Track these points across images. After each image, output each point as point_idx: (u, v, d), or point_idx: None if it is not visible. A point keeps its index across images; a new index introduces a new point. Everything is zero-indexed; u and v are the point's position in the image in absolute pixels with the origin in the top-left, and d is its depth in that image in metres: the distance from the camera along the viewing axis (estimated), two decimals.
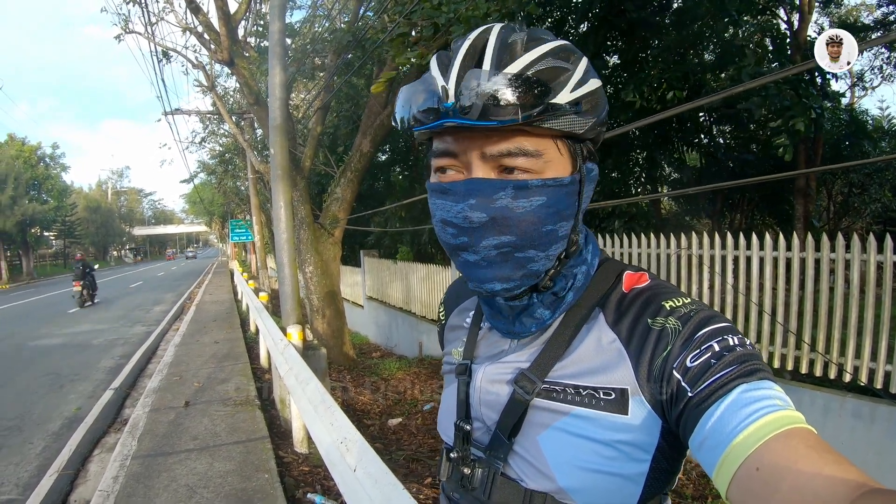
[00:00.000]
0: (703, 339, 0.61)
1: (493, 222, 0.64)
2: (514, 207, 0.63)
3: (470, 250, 0.66)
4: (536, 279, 0.69)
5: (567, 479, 0.66)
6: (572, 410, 0.67)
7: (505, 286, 0.67)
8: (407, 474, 4.44)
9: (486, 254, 0.65)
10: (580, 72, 0.63)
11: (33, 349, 9.98)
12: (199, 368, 7.04)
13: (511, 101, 0.58)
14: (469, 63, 0.62)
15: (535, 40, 0.63)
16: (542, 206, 0.64)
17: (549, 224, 0.65)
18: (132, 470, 3.87)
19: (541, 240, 0.65)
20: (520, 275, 0.67)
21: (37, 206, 39.48)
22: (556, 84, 0.60)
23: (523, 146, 0.62)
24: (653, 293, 0.69)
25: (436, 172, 0.69)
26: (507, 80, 0.58)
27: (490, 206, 0.63)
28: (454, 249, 0.68)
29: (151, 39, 10.69)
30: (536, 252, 0.66)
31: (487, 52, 0.62)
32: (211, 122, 20.26)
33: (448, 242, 0.69)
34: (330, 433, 2.36)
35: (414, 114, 0.64)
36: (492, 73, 0.59)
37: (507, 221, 0.64)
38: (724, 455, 0.53)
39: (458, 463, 0.76)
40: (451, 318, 0.92)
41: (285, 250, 5.63)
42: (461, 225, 0.65)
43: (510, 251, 0.65)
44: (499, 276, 0.67)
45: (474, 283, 0.69)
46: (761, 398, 0.54)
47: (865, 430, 3.79)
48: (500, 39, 0.63)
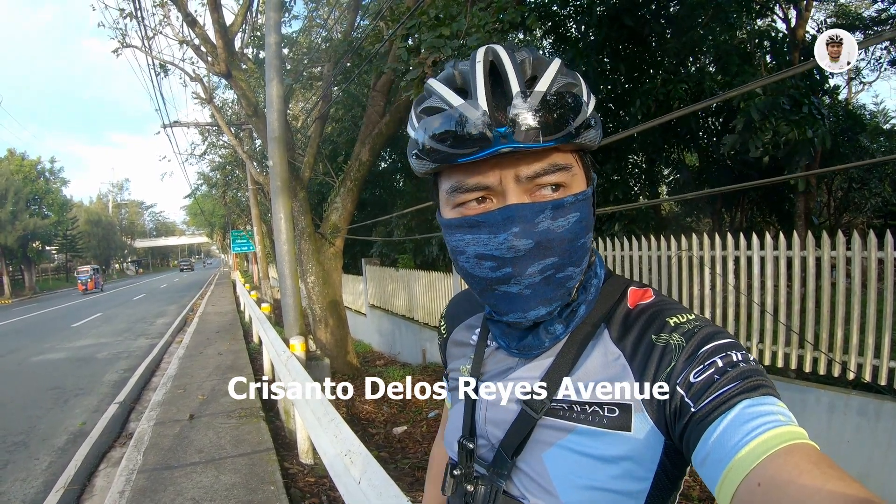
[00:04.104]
0: (706, 355, 0.61)
1: (537, 247, 0.64)
2: (556, 228, 0.64)
3: (512, 281, 0.65)
4: (570, 296, 0.70)
5: (569, 497, 0.66)
6: (577, 428, 0.67)
7: (548, 309, 0.67)
8: (413, 482, 4.44)
9: (530, 281, 0.65)
10: (584, 86, 0.65)
11: (37, 364, 10.00)
12: (203, 381, 7.04)
13: (556, 119, 0.59)
14: (495, 86, 0.61)
15: (537, 57, 0.64)
16: (577, 222, 0.65)
17: (582, 237, 0.66)
18: (138, 484, 3.87)
19: (576, 254, 0.66)
20: (559, 294, 0.67)
21: (38, 221, 39.60)
22: (579, 100, 0.62)
23: (557, 162, 0.63)
24: (657, 309, 0.69)
25: (455, 207, 0.67)
26: (545, 99, 0.59)
27: (533, 230, 0.63)
28: (493, 283, 0.67)
29: (149, 53, 10.73)
30: (574, 269, 0.67)
31: (509, 72, 0.61)
32: (210, 133, 20.30)
33: (486, 277, 0.67)
34: (334, 445, 2.37)
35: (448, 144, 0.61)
36: (527, 94, 0.59)
37: (551, 243, 0.64)
38: (726, 470, 0.52)
39: (461, 480, 0.76)
40: (455, 334, 0.91)
41: (286, 261, 5.65)
42: (504, 256, 0.64)
43: (553, 273, 0.65)
44: (542, 301, 0.67)
45: (517, 315, 0.68)
46: (764, 413, 0.54)
47: (871, 427, 3.78)
48: (511, 59, 0.63)
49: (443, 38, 4.15)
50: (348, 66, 8.37)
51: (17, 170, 39.75)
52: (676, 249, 4.99)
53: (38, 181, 43.28)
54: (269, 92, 5.75)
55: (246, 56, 10.27)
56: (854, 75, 14.51)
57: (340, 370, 8.28)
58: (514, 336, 0.75)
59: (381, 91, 8.63)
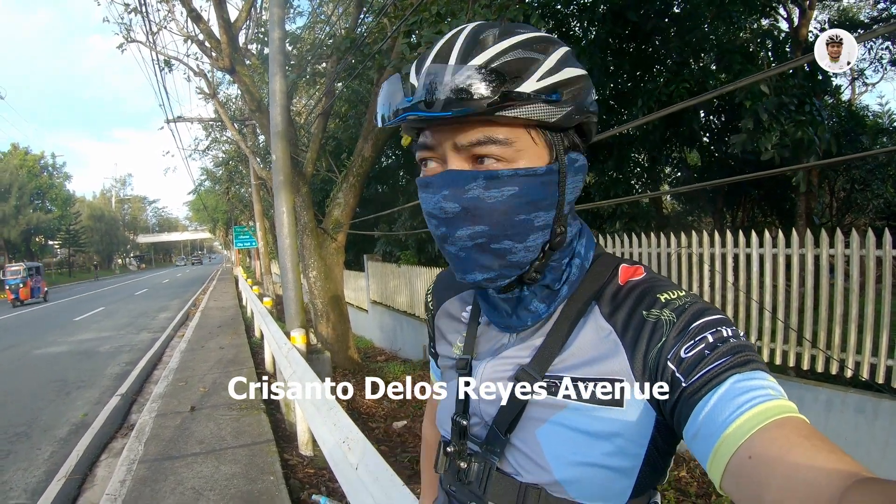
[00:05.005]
0: (697, 330, 0.61)
1: (465, 213, 0.65)
2: (486, 198, 0.64)
3: (449, 241, 0.67)
4: (520, 270, 0.69)
5: (563, 473, 0.67)
6: (570, 404, 0.68)
7: (485, 276, 0.68)
8: (412, 475, 4.45)
9: (462, 244, 0.66)
10: (552, 61, 0.63)
11: (40, 357, 10.04)
12: (205, 374, 7.08)
13: (472, 91, 0.58)
14: (438, 59, 0.63)
15: (508, 33, 0.64)
16: (513, 196, 0.64)
17: (523, 214, 0.65)
18: (139, 474, 3.90)
19: (514, 230, 0.65)
20: (498, 265, 0.67)
21: (41, 216, 39.75)
22: (520, 73, 0.61)
23: (492, 135, 0.62)
24: (648, 286, 0.69)
25: (421, 165, 0.70)
26: (469, 71, 0.59)
27: (462, 196, 0.64)
28: (440, 241, 0.70)
29: (153, 48, 10.77)
30: (513, 243, 0.66)
31: (455, 47, 0.63)
32: (213, 129, 20.36)
33: (434, 234, 0.70)
34: (333, 433, 2.39)
35: (387, 110, 0.66)
36: (455, 67, 0.60)
37: (479, 212, 0.64)
38: (717, 444, 0.53)
39: (454, 457, 0.77)
40: (446, 305, 0.92)
41: (288, 256, 5.67)
42: (439, 216, 0.67)
43: (485, 242, 0.66)
44: (478, 267, 0.68)
45: (459, 274, 0.70)
46: (754, 388, 0.55)
47: (868, 425, 3.80)
48: (471, 35, 0.64)
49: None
50: (352, 63, 8.37)
51: (20, 164, 39.83)
52: (676, 246, 5.01)
53: (42, 176, 43.39)
54: (272, 87, 5.76)
55: (250, 52, 10.32)
56: (857, 76, 14.47)
57: (341, 365, 8.30)
58: (498, 315, 0.77)
59: None
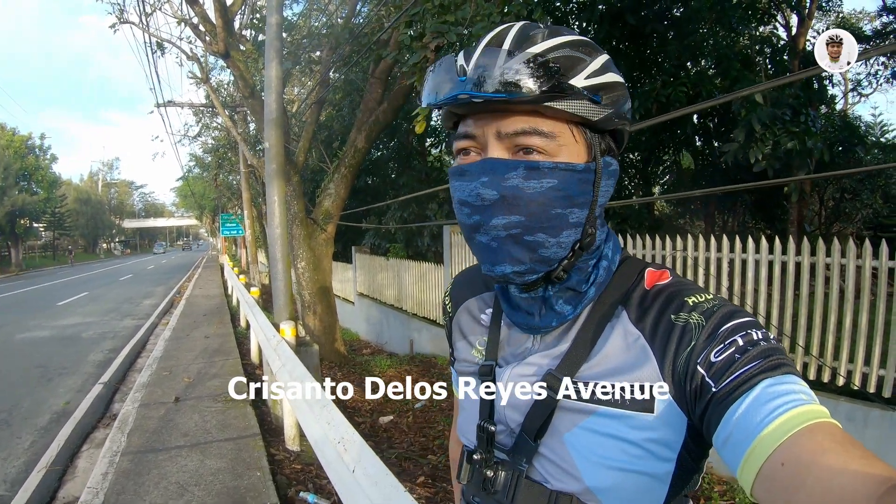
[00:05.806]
0: (726, 333, 0.61)
1: (503, 200, 0.65)
2: (525, 188, 0.64)
3: (482, 230, 0.67)
4: (549, 266, 0.69)
5: (594, 480, 0.66)
6: (599, 409, 0.67)
7: (515, 269, 0.68)
8: (399, 472, 4.42)
9: (495, 234, 0.66)
10: (597, 64, 0.64)
11: (21, 341, 9.87)
12: (190, 364, 6.99)
13: (524, 78, 0.59)
14: (491, 47, 0.64)
15: (556, 33, 0.65)
16: (552, 189, 0.64)
17: (559, 208, 0.66)
18: (122, 466, 3.82)
19: (549, 223, 0.66)
20: (529, 258, 0.67)
21: (26, 197, 39.19)
22: (570, 68, 0.62)
23: (538, 126, 0.63)
24: (675, 289, 0.69)
25: (458, 156, 0.70)
26: (523, 59, 0.60)
27: (501, 184, 0.64)
28: (470, 231, 0.69)
29: (146, 30, 10.58)
30: (546, 237, 0.66)
31: (507, 38, 0.64)
32: (204, 115, 20.09)
33: (464, 223, 0.69)
34: (326, 432, 2.33)
35: (436, 93, 0.65)
36: (509, 53, 0.61)
37: (517, 201, 0.64)
38: (749, 450, 0.52)
39: (480, 465, 0.75)
40: (464, 307, 0.90)
41: (279, 245, 5.59)
42: (474, 203, 0.66)
43: (519, 233, 0.66)
44: (509, 259, 0.67)
45: (487, 266, 0.69)
46: (786, 392, 0.54)
47: (859, 434, 3.81)
48: (520, 30, 0.65)
49: (447, 24, 4.11)
50: (347, 52, 8.28)
51: (7, 145, 39.20)
52: (671, 250, 4.99)
53: (28, 157, 42.73)
54: (268, 73, 5.66)
55: (244, 38, 10.15)
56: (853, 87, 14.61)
57: (328, 357, 8.25)
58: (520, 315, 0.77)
59: (380, 78, 8.56)
